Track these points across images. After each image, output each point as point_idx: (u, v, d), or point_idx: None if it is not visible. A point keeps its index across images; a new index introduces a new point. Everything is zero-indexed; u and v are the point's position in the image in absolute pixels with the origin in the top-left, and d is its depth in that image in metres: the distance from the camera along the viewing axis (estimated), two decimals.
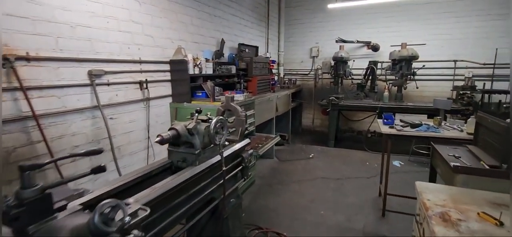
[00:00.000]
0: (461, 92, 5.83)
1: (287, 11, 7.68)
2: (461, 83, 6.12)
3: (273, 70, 6.75)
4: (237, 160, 2.73)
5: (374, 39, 6.78)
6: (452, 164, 2.15)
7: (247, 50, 5.41)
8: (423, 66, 5.78)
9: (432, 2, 6.28)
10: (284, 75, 7.78)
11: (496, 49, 5.88)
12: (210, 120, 2.27)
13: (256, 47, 6.00)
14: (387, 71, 6.15)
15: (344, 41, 6.63)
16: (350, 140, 6.53)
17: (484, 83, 5.98)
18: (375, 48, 6.73)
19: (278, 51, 7.76)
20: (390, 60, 6.07)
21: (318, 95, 7.45)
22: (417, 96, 6.44)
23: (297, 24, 7.72)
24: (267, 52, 6.79)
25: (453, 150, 2.57)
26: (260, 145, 3.60)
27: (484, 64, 6.00)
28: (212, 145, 2.20)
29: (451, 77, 6.32)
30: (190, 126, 2.15)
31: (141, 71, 3.17)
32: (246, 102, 4.00)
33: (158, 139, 1.96)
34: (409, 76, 5.65)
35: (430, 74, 6.26)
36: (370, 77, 6.31)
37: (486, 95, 5.82)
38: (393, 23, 6.67)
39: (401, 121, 3.52)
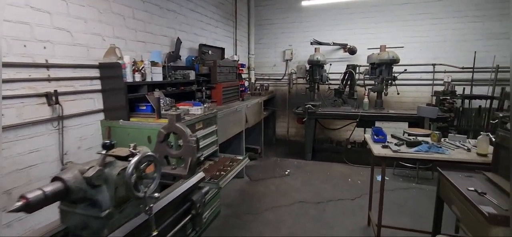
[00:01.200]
0: (441, 97, 5.48)
1: (258, 10, 6.98)
2: (440, 88, 5.81)
3: (242, 75, 5.99)
4: (184, 206, 1.93)
5: (351, 41, 6.29)
6: (485, 211, 1.52)
7: (210, 52, 4.60)
8: (405, 70, 5.35)
9: (409, 2, 5.92)
10: (255, 81, 7.06)
11: (475, 52, 5.63)
12: (130, 159, 1.46)
13: (222, 49, 5.21)
14: (366, 76, 5.67)
15: (320, 43, 6.07)
16: (329, 151, 5.93)
17: (464, 88, 5.69)
18: (352, 51, 6.24)
19: (248, 53, 7.03)
20: (368, 64, 5.60)
21: (293, 102, 6.82)
22: (396, 102, 6.03)
23: (268, 25, 7.04)
24: (235, 54, 6.02)
25: (469, 181, 1.97)
26: (222, 173, 2.80)
27: (463, 68, 5.72)
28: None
29: (430, 82, 5.98)
30: (90, 173, 1.32)
31: (49, 79, 2.24)
32: (206, 116, 3.19)
33: (18, 204, 1.11)
34: (389, 81, 5.19)
35: (408, 78, 5.86)
36: (349, 83, 5.78)
37: (466, 101, 5.54)
38: (370, 24, 6.22)
39: (393, 137, 2.92)
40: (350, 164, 5.26)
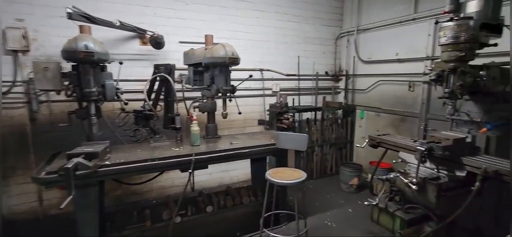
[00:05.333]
0: (278, 111, 4.28)
1: None
2: (270, 100, 4.66)
3: None
4: None
5: (153, 27, 3.74)
6: None
7: None
8: (250, 76, 3.57)
9: None
10: None
11: (298, 57, 4.93)
12: None
13: None
14: (186, 86, 3.39)
15: (91, 19, 3.03)
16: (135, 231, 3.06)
17: (293, 99, 4.87)
18: (158, 43, 3.70)
19: None
20: (187, 65, 3.37)
21: (43, 144, 3.28)
22: (222, 123, 4.23)
23: None
24: None
25: None
26: None
27: (288, 75, 4.88)
28: None
29: (261, 92, 4.71)
30: None
31: None
32: None
33: None
34: (228, 93, 3.20)
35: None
36: (163, 96, 3.23)
37: (297, 115, 4.71)
38: (178, 3, 3.97)
39: None
40: None
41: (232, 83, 3.23)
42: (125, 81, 3.30)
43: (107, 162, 2.39)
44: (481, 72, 2.14)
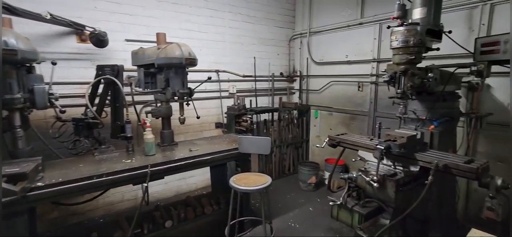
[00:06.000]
0: (236, 114, 4.16)
1: None
2: (228, 102, 4.53)
3: None
4: None
5: (94, 22, 3.28)
6: None
7: None
8: (209, 78, 3.36)
9: None
10: None
11: (254, 57, 4.88)
12: None
13: None
14: (136, 89, 3.06)
15: (12, 10, 2.51)
16: None
17: (251, 100, 4.80)
18: (100, 41, 3.25)
19: None
20: (136, 66, 3.05)
21: None
22: (177, 128, 3.97)
23: None
24: None
25: None
26: None
27: (244, 76, 4.80)
28: None
29: (217, 94, 4.53)
30: None
31: None
32: None
33: None
34: (185, 97, 2.97)
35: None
36: (109, 101, 2.84)
37: (255, 116, 4.65)
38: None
39: None
40: None
41: (189, 85, 3.01)
42: (61, 84, 2.84)
43: (39, 184, 1.99)
44: (429, 74, 2.34)
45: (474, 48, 2.47)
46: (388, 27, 2.50)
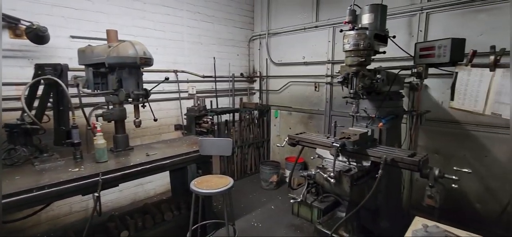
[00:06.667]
0: (196, 115, 4.07)
1: None
2: (187, 103, 4.41)
3: None
4: None
5: (31, 16, 2.94)
6: None
7: None
8: (167, 78, 3.20)
9: None
10: None
11: (214, 58, 4.81)
12: None
13: None
14: (84, 90, 2.81)
15: None
16: None
17: (211, 101, 4.73)
18: (39, 37, 2.91)
19: None
20: (84, 66, 2.81)
21: None
22: (133, 132, 3.75)
23: None
24: None
25: None
26: None
27: (204, 76, 4.71)
28: None
29: (176, 95, 4.37)
30: None
31: None
32: None
33: None
34: (141, 98, 2.81)
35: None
36: (52, 104, 2.56)
37: (216, 117, 4.59)
38: None
39: None
40: None
41: (145, 86, 2.86)
42: None
43: None
44: (377, 76, 2.53)
45: (414, 52, 2.74)
46: (341, 30, 2.65)
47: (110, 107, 2.79)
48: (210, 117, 4.13)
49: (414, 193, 3.60)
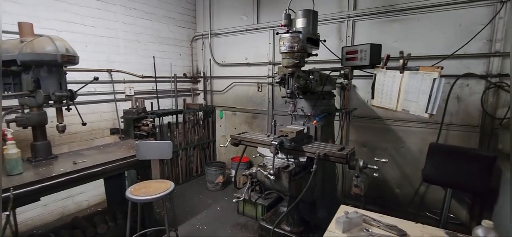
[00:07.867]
0: (135, 118, 3.83)
1: None
2: (124, 105, 4.12)
3: None
4: None
5: None
6: None
7: None
8: (96, 78, 2.89)
9: None
10: None
11: (154, 57, 4.58)
12: None
13: None
14: None
15: None
16: None
17: (152, 102, 4.49)
18: None
19: None
20: None
21: None
22: (58, 139, 3.37)
23: None
24: None
25: None
26: None
27: (143, 76, 4.45)
28: None
29: (111, 97, 4.03)
30: None
31: None
32: None
33: None
34: (65, 100, 2.52)
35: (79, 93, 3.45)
36: None
37: (157, 119, 4.38)
38: None
39: None
40: None
41: (71, 87, 2.58)
42: None
43: None
44: (311, 77, 2.72)
45: (342, 55, 3.01)
46: (277, 33, 2.77)
47: (26, 111, 2.44)
48: (151, 119, 3.93)
49: (346, 183, 3.97)
